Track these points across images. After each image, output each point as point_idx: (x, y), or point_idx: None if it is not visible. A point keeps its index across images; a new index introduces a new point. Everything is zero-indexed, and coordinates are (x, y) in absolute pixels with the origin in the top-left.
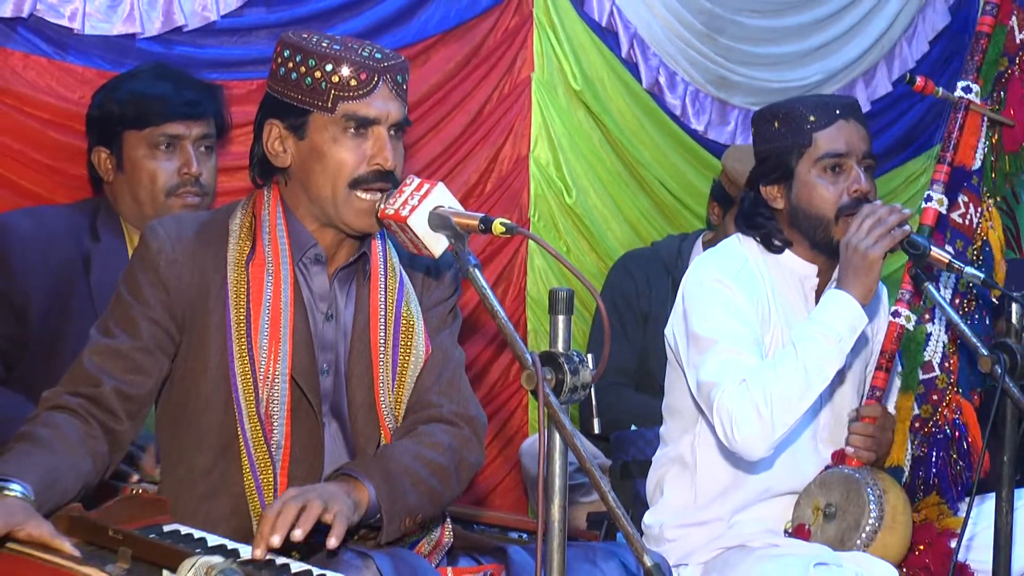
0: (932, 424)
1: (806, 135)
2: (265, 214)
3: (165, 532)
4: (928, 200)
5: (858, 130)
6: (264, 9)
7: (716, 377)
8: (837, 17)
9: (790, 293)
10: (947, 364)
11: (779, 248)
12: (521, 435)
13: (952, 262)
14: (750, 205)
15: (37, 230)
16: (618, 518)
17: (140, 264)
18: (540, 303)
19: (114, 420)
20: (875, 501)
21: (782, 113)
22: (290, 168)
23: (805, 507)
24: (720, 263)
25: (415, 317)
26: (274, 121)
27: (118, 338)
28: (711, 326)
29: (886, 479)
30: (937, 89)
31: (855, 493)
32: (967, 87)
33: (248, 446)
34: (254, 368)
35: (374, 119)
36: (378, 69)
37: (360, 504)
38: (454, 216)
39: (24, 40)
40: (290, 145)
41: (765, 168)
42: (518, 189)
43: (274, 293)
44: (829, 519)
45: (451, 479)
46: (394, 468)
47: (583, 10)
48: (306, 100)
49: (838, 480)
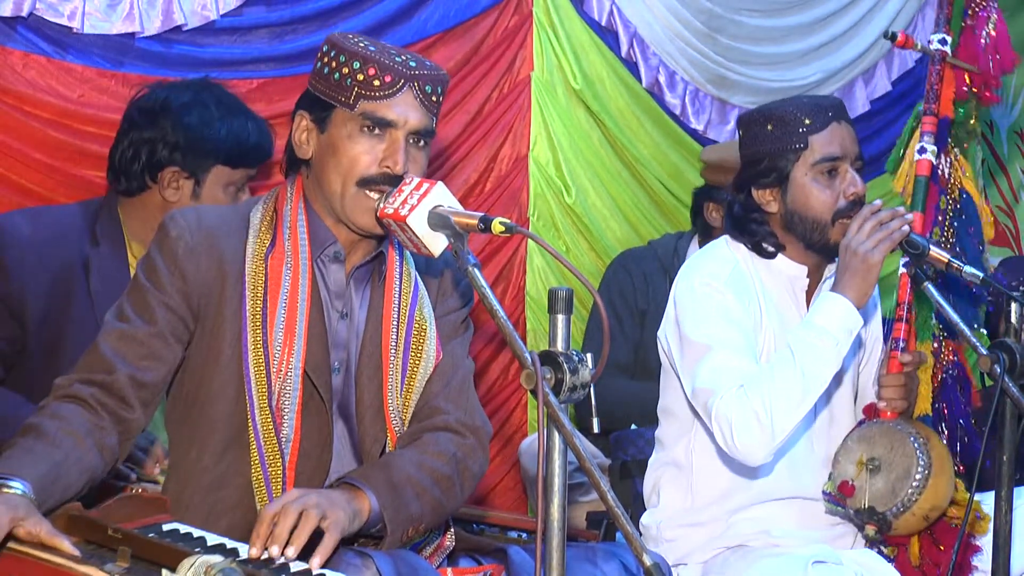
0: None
1: (802, 138)
2: (287, 209)
3: (164, 531)
4: (922, 152)
5: (849, 132)
6: (264, 8)
7: (712, 384)
8: (837, 16)
9: (781, 295)
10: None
11: (771, 254)
12: (520, 434)
13: (951, 261)
14: (740, 209)
15: (35, 232)
16: (617, 517)
17: (159, 250)
18: (539, 302)
19: (125, 408)
20: (920, 448)
21: (775, 116)
22: (311, 160)
23: (846, 464)
24: (710, 267)
25: (428, 322)
26: (304, 112)
27: (134, 323)
28: (704, 331)
29: (924, 428)
30: (916, 43)
31: (900, 444)
32: (943, 39)
33: (258, 438)
34: (268, 360)
35: (391, 121)
36: (405, 75)
37: (360, 513)
38: (453, 215)
39: (24, 39)
40: (313, 137)
41: (757, 171)
42: (517, 188)
43: (292, 287)
44: (875, 472)
45: (455, 489)
46: (398, 478)
47: (583, 9)
48: (332, 94)
49: (880, 433)
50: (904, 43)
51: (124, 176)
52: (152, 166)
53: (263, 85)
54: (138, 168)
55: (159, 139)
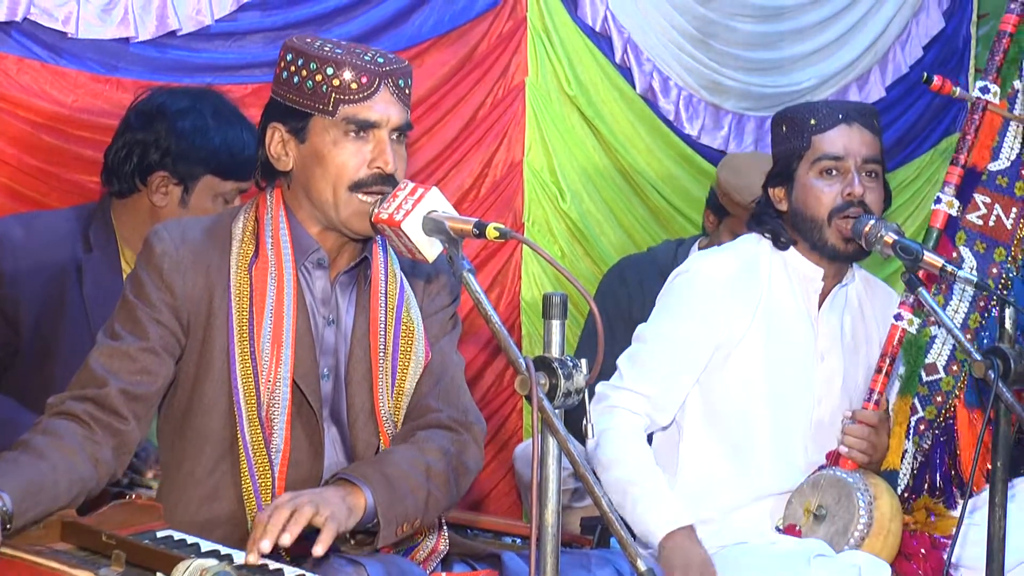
0: (936, 426)
1: (805, 138)
2: (268, 217)
3: (159, 537)
4: (937, 202)
5: (861, 134)
6: (259, 13)
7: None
8: (831, 22)
9: (793, 290)
10: (954, 367)
11: (785, 245)
12: (515, 440)
13: (945, 266)
14: (760, 207)
15: (29, 237)
16: (612, 523)
17: (144, 267)
18: (534, 308)
19: (120, 420)
20: (865, 507)
21: (788, 116)
22: (292, 171)
23: (797, 506)
24: (712, 261)
25: (415, 323)
26: (276, 124)
27: (124, 340)
28: (652, 326)
29: (878, 485)
30: (954, 89)
31: (846, 497)
32: (984, 87)
33: (247, 449)
34: (256, 371)
35: (374, 123)
36: (379, 73)
37: (355, 509)
38: (448, 221)
39: (18, 44)
40: (292, 148)
41: (772, 171)
42: (512, 194)
43: (277, 296)
44: (819, 520)
45: (450, 485)
46: (392, 473)
47: (577, 15)
48: (307, 103)
49: (830, 483)
50: (940, 88)
51: (116, 177)
52: (143, 169)
53: (258, 90)
54: (129, 169)
55: (152, 142)
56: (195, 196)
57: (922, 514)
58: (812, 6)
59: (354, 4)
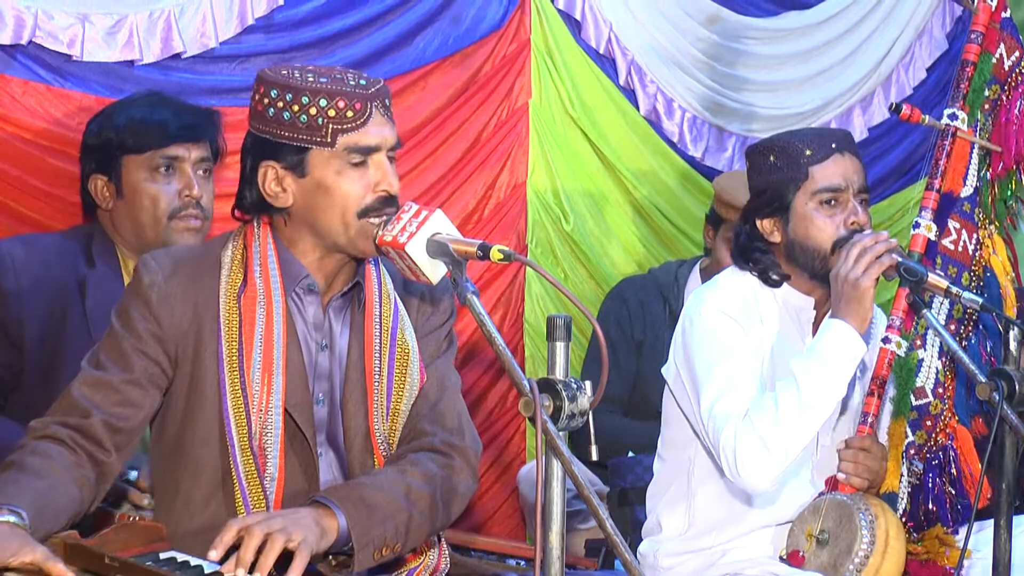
0: (927, 450)
1: (802, 169)
2: (256, 246)
3: (162, 559)
4: (916, 227)
5: (853, 163)
6: (263, 36)
7: (718, 412)
8: (834, 44)
9: (786, 325)
10: (940, 390)
11: (777, 282)
12: (519, 461)
13: (950, 287)
14: (746, 239)
15: (31, 257)
16: (616, 545)
17: (132, 297)
18: (538, 330)
19: (101, 451)
20: (867, 526)
21: (777, 147)
22: (292, 207)
23: (799, 533)
24: (718, 295)
25: (410, 345)
26: (269, 163)
27: (109, 371)
28: (711, 360)
29: (878, 504)
30: (924, 117)
31: (847, 519)
32: (953, 114)
33: (241, 480)
34: (247, 401)
35: (375, 147)
36: (368, 97)
37: (328, 531)
38: (452, 243)
39: (23, 67)
40: (289, 184)
41: (761, 202)
42: (516, 216)
43: (266, 325)
44: (822, 545)
45: (435, 509)
46: (371, 497)
47: (581, 37)
48: (303, 137)
49: (830, 506)
50: (909, 116)
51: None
52: (84, 184)
53: None
54: (84, 188)
55: (82, 156)
56: (127, 184)
57: (934, 543)
58: (816, 28)
59: (358, 26)
